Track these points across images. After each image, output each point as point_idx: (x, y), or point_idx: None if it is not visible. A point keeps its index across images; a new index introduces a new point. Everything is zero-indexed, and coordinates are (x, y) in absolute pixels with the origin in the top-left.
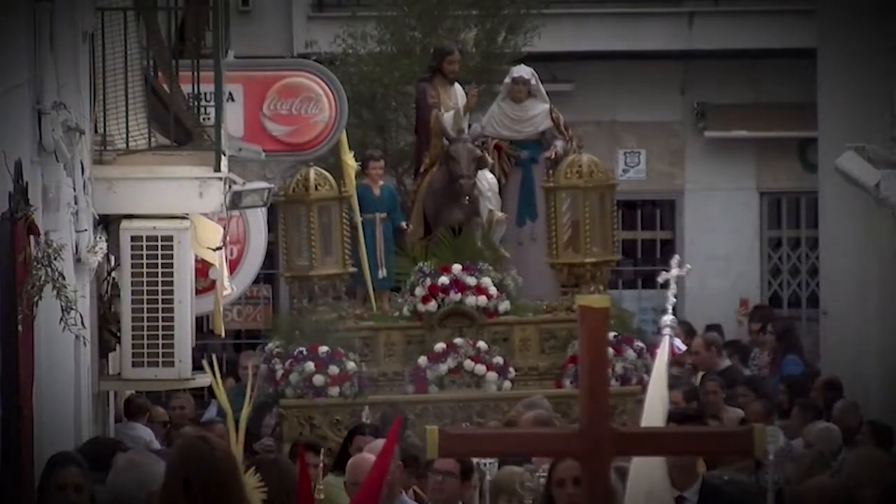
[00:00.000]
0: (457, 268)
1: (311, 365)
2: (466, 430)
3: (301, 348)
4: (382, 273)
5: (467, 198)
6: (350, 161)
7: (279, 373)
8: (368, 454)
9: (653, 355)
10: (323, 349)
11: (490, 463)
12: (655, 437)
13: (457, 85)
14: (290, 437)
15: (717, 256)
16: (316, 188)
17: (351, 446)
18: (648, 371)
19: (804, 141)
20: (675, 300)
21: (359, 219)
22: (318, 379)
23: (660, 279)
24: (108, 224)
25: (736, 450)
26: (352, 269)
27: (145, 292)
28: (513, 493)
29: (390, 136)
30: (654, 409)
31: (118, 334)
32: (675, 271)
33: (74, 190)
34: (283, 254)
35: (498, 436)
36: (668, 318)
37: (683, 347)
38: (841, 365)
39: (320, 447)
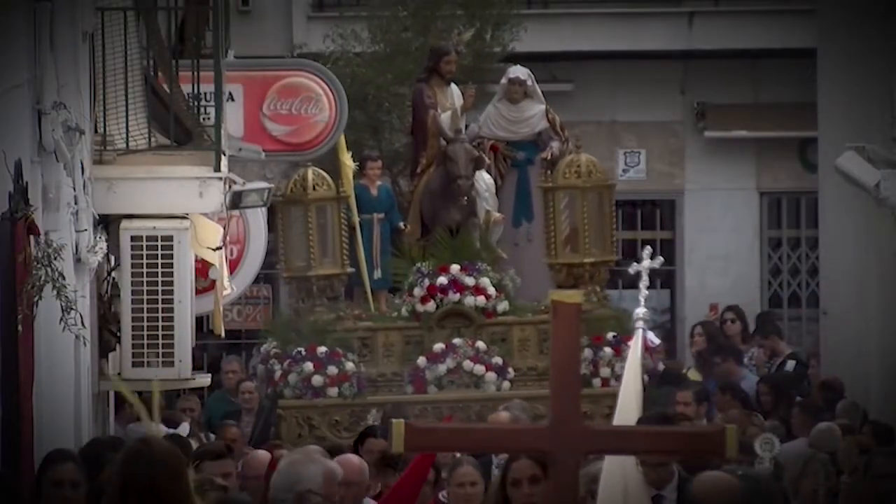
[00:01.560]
0: (455, 268)
1: (309, 365)
2: (433, 424)
3: (300, 349)
4: (377, 274)
5: (465, 198)
6: (348, 161)
7: (277, 373)
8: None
9: (650, 355)
10: (321, 350)
11: None
12: (626, 435)
13: (453, 85)
14: (288, 439)
15: (717, 256)
16: (314, 188)
17: (362, 448)
18: (647, 370)
19: (804, 141)
20: (647, 293)
21: (357, 219)
22: (317, 379)
23: (631, 270)
24: (108, 224)
25: (707, 450)
26: (350, 270)
27: (145, 292)
28: None
29: (384, 137)
30: (629, 401)
31: (118, 334)
32: (646, 262)
33: (74, 190)
34: (281, 254)
35: (466, 430)
36: (640, 311)
37: (657, 341)
38: (841, 365)
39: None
